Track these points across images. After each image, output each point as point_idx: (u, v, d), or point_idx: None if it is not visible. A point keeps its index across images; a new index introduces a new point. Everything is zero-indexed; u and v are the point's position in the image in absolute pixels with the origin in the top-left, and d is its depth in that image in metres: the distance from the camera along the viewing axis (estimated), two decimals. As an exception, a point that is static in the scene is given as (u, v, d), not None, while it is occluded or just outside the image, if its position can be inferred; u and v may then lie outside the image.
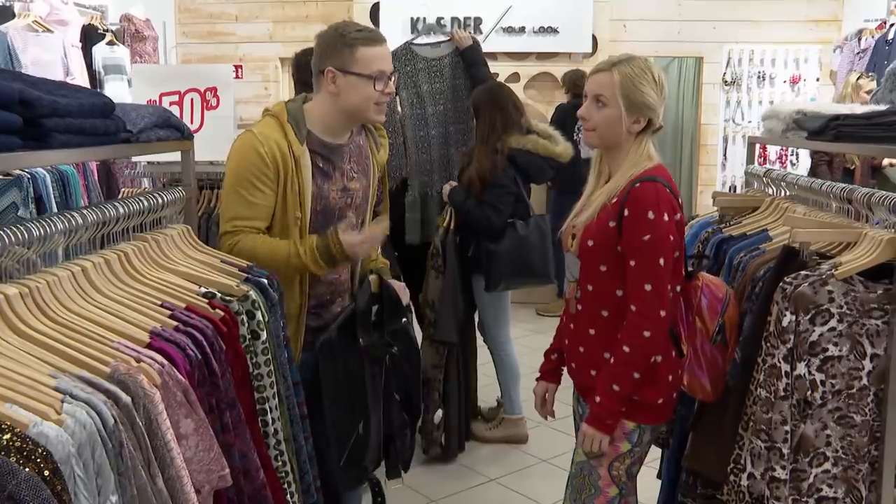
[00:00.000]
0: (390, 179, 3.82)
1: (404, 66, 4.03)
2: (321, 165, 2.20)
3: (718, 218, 2.65)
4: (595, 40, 6.41)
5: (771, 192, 2.61)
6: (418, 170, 3.98)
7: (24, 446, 1.00)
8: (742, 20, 6.53)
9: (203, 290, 1.75)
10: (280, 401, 1.88)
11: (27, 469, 0.97)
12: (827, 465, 1.84)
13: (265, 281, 1.91)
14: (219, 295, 1.75)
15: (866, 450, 1.83)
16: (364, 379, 2.17)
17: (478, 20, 6.39)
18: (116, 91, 5.09)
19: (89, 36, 5.18)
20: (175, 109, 3.10)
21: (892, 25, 5.45)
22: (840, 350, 1.80)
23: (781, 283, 1.84)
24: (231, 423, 1.60)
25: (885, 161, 4.69)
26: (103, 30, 5.31)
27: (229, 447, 1.58)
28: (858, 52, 5.67)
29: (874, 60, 5.38)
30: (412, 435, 2.43)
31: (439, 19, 6.28)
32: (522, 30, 6.40)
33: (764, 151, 6.26)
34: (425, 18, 6.29)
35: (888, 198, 1.88)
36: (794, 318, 1.80)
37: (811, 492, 1.84)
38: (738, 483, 1.89)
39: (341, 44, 2.12)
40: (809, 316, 1.79)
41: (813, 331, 1.80)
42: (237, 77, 6.63)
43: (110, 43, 5.26)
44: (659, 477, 2.63)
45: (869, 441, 1.82)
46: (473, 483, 3.53)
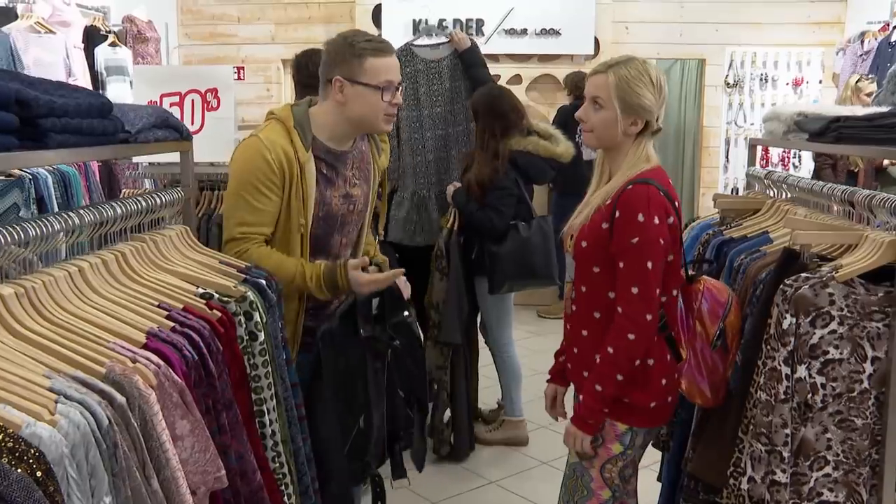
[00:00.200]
0: (388, 181, 3.82)
1: (404, 67, 4.02)
2: (325, 172, 2.20)
3: (719, 220, 2.64)
4: (597, 42, 6.41)
5: (772, 195, 2.61)
6: (412, 172, 3.97)
7: (17, 447, 0.99)
8: (744, 22, 6.52)
9: (200, 291, 1.74)
10: (278, 402, 1.87)
11: (19, 470, 0.96)
12: (828, 469, 1.83)
13: (263, 282, 1.90)
14: (216, 296, 1.75)
15: (867, 453, 1.82)
16: (365, 371, 2.15)
17: (480, 22, 6.39)
18: (119, 92, 5.09)
19: (92, 37, 5.17)
20: (176, 110, 3.10)
21: (895, 28, 5.44)
22: (841, 353, 1.79)
23: (782, 286, 1.83)
24: (228, 425, 1.59)
25: (885, 161, 4.68)
26: (105, 31, 5.31)
27: (226, 448, 1.57)
28: (861, 55, 5.65)
29: (877, 63, 5.36)
30: (423, 434, 2.40)
31: (441, 21, 6.28)
32: (524, 32, 6.40)
33: (766, 154, 6.25)
34: (427, 20, 6.29)
35: (889, 200, 1.87)
36: (795, 321, 1.79)
37: (812, 496, 1.83)
38: (739, 487, 1.88)
39: (350, 53, 2.11)
40: (810, 318, 1.78)
41: (813, 333, 1.79)
42: (239, 78, 6.63)
43: (112, 44, 5.26)
44: (659, 480, 2.62)
45: (870, 444, 1.81)
46: (474, 485, 3.53)
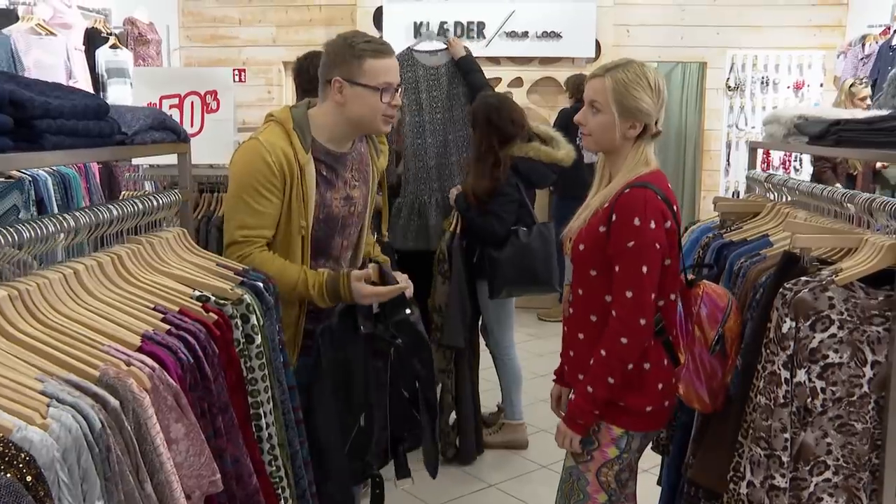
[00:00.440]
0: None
1: (405, 73, 4.02)
2: (325, 174, 2.19)
3: (719, 223, 2.63)
4: (598, 45, 6.40)
5: (772, 198, 2.60)
6: (413, 178, 3.98)
7: (7, 451, 0.98)
8: (746, 25, 6.52)
9: (197, 294, 1.73)
10: (275, 405, 1.86)
11: (8, 475, 0.95)
12: (828, 474, 1.82)
13: (261, 285, 1.89)
14: (213, 298, 1.74)
15: (867, 458, 1.81)
16: (366, 369, 2.14)
17: (481, 24, 6.38)
18: (119, 94, 5.09)
19: (93, 39, 5.18)
20: (175, 112, 3.10)
21: (896, 31, 5.43)
22: (840, 357, 1.78)
23: (781, 290, 1.82)
24: (223, 428, 1.59)
25: (878, 164, 4.68)
26: (107, 33, 5.32)
27: (221, 452, 1.56)
28: (862, 58, 5.65)
29: (878, 66, 5.35)
30: (434, 436, 2.37)
31: (442, 24, 6.28)
32: (525, 34, 6.40)
33: (767, 157, 6.24)
34: (429, 23, 6.29)
35: (889, 203, 1.86)
36: (794, 325, 1.78)
37: (811, 500, 1.82)
38: (738, 491, 1.86)
39: (350, 54, 2.11)
40: (810, 322, 1.77)
41: (813, 337, 1.78)
42: (240, 81, 6.63)
43: (113, 46, 5.26)
44: (659, 484, 2.61)
45: (870, 449, 1.80)
46: (473, 488, 3.52)
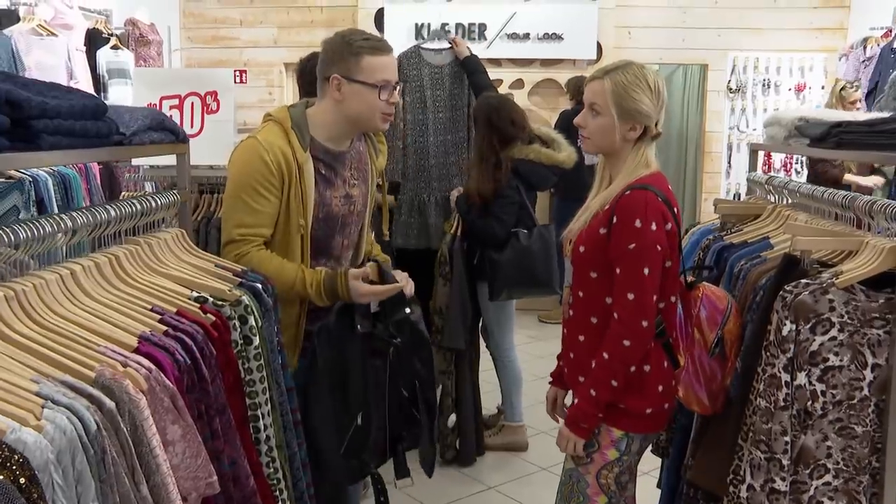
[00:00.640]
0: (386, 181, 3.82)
1: (412, 70, 4.03)
2: (324, 172, 2.19)
3: (720, 225, 2.62)
4: (600, 47, 6.40)
5: (773, 200, 2.59)
6: (414, 176, 3.98)
7: (0, 453, 0.98)
8: (747, 28, 6.51)
9: (195, 295, 1.73)
10: (273, 407, 1.85)
11: (1, 476, 0.94)
12: (828, 477, 1.81)
13: (259, 286, 1.89)
14: (211, 299, 1.73)
15: (867, 461, 1.80)
16: (363, 368, 2.13)
17: (482, 26, 6.39)
18: (120, 95, 5.08)
19: (94, 40, 5.18)
20: (175, 113, 3.10)
21: (898, 34, 5.42)
22: (841, 360, 1.77)
23: (781, 292, 1.81)
24: (221, 430, 1.58)
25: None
26: (108, 34, 5.32)
27: (218, 454, 1.56)
28: (864, 61, 5.63)
29: (879, 69, 5.34)
30: (432, 436, 2.36)
31: (443, 25, 6.27)
32: (527, 36, 6.40)
33: (768, 159, 6.23)
34: (430, 24, 6.29)
35: (889, 206, 1.85)
36: (795, 328, 1.77)
37: (811, 504, 1.81)
38: (738, 494, 1.86)
39: (347, 52, 2.11)
40: (810, 325, 1.76)
41: (813, 340, 1.77)
42: (241, 82, 6.63)
43: (114, 47, 5.26)
44: (659, 486, 2.60)
45: (870, 452, 1.79)
46: (473, 490, 3.51)
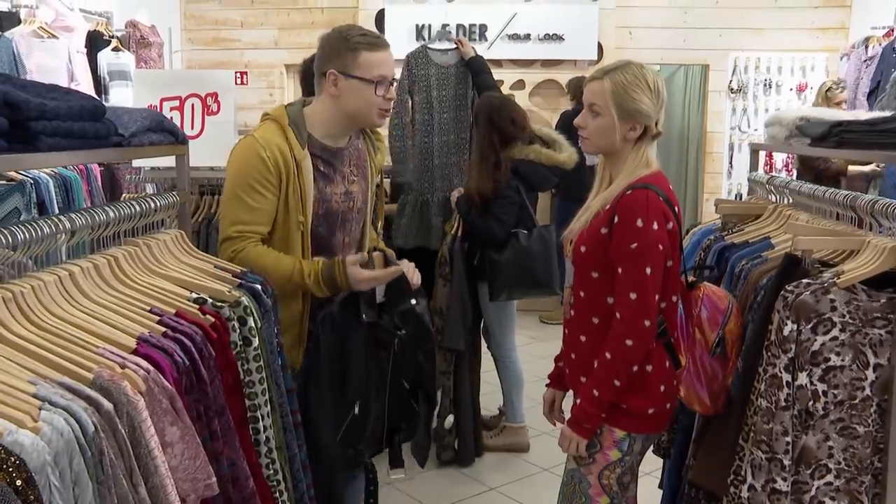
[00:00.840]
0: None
1: (420, 70, 4.04)
2: (322, 169, 2.19)
3: (721, 225, 2.62)
4: (601, 47, 6.40)
5: (774, 200, 2.58)
6: (418, 176, 3.99)
7: (-3, 455, 0.98)
8: (748, 28, 6.50)
9: (194, 296, 1.72)
10: (272, 408, 1.85)
11: (-3, 478, 0.94)
12: (829, 478, 1.80)
13: (259, 287, 1.89)
14: (210, 300, 1.73)
15: (869, 461, 1.79)
16: (366, 358, 2.12)
17: (483, 27, 6.39)
18: (122, 97, 5.08)
19: (95, 42, 5.18)
20: (175, 114, 3.10)
21: (900, 33, 5.41)
22: (842, 360, 1.76)
23: (783, 292, 1.81)
24: (220, 431, 1.57)
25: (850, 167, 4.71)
26: (109, 36, 5.32)
27: (218, 455, 1.55)
28: (865, 60, 5.62)
29: (881, 68, 5.33)
30: (428, 430, 2.35)
31: (444, 26, 6.27)
32: (528, 37, 6.40)
33: (770, 159, 6.22)
34: (430, 25, 6.29)
35: (891, 205, 1.85)
36: (796, 327, 1.76)
37: (813, 504, 1.80)
38: (739, 495, 1.85)
39: (344, 47, 2.12)
40: (811, 325, 1.76)
41: (815, 340, 1.76)
42: (242, 83, 6.63)
43: (115, 49, 5.26)
44: (661, 487, 2.60)
45: (872, 453, 1.79)
46: (475, 491, 3.50)
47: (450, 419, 3.69)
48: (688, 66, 7.44)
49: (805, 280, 1.82)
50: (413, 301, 2.18)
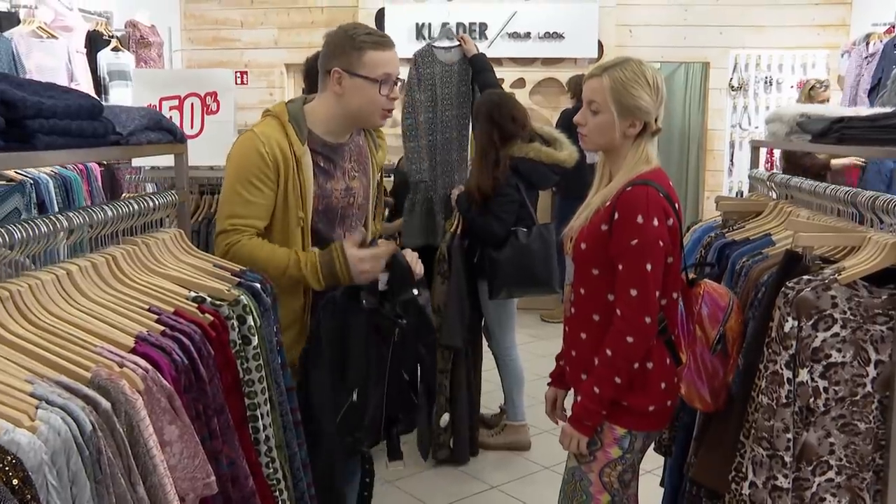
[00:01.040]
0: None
1: (426, 69, 4.03)
2: (322, 165, 2.19)
3: (721, 222, 2.61)
4: (601, 46, 6.39)
5: (775, 196, 2.58)
6: (428, 174, 4.00)
7: (-7, 454, 0.97)
8: (749, 25, 6.49)
9: (193, 295, 1.72)
10: (272, 407, 1.84)
11: (-7, 477, 0.94)
12: (830, 474, 1.80)
13: (258, 286, 1.88)
14: (209, 299, 1.73)
15: (870, 458, 1.79)
16: (366, 345, 2.11)
17: (483, 25, 6.38)
18: (121, 97, 5.09)
19: (94, 42, 5.18)
20: (175, 114, 3.10)
21: (901, 30, 5.40)
22: (843, 356, 1.76)
23: (783, 288, 1.80)
24: (219, 430, 1.57)
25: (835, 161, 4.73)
26: (108, 36, 5.32)
27: (217, 454, 1.55)
28: (866, 57, 5.61)
29: (882, 65, 5.32)
30: (430, 423, 2.34)
31: (444, 24, 6.26)
32: (528, 35, 6.39)
33: (771, 156, 6.21)
34: (431, 24, 6.28)
35: (892, 202, 1.84)
36: (797, 324, 1.76)
37: (814, 501, 1.80)
38: (740, 492, 1.85)
39: (350, 46, 2.11)
40: (812, 321, 1.75)
41: (815, 336, 1.76)
42: (242, 83, 6.63)
43: (115, 49, 5.26)
44: (662, 485, 2.59)
45: (873, 449, 1.78)
46: (475, 490, 3.50)
47: (445, 417, 3.66)
48: (688, 64, 7.44)
49: (806, 277, 1.81)
50: (415, 291, 2.16)
